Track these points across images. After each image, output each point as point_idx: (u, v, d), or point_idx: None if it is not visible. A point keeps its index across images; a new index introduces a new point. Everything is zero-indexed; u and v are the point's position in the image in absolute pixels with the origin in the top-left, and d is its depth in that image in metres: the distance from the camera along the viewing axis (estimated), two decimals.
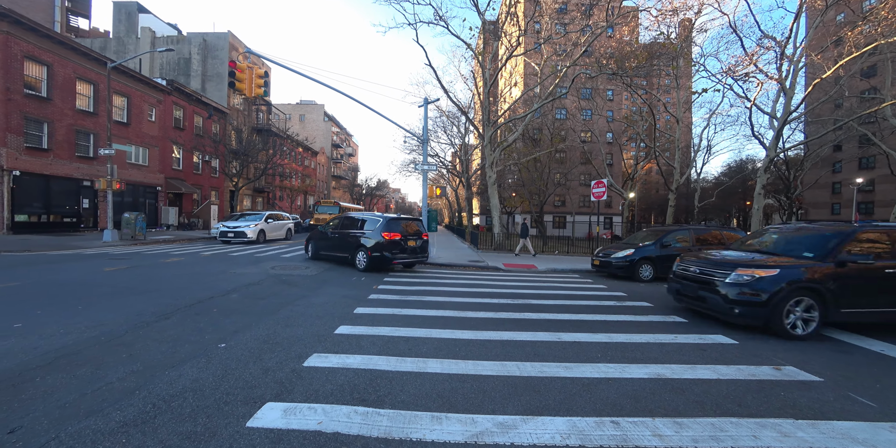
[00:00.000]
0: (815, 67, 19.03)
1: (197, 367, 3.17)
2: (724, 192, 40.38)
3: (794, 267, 4.79)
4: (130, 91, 20.70)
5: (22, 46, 15.58)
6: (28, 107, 15.91)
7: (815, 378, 3.41)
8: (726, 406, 2.82)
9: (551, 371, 3.37)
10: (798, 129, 30.22)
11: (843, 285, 4.69)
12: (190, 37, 29.59)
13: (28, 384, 2.79)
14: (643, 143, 30.96)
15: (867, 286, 4.77)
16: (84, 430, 2.22)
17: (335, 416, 2.48)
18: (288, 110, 54.84)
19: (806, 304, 4.66)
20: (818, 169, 36.99)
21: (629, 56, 17.18)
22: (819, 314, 4.65)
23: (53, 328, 4.06)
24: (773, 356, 3.99)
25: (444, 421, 2.48)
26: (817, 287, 4.62)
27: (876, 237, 5.08)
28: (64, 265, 8.55)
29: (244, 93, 8.91)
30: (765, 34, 15.79)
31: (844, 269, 4.72)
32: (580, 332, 4.66)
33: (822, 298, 4.64)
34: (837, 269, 4.72)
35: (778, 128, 16.02)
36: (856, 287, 4.73)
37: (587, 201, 41.29)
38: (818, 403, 2.92)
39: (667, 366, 3.59)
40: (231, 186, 26.60)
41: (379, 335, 4.23)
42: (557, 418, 2.55)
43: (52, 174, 16.73)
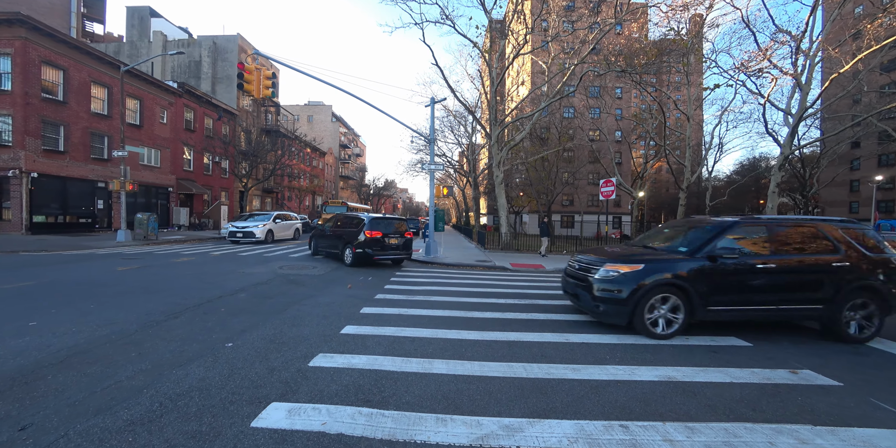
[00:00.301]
0: (833, 62, 18.51)
1: (204, 367, 3.19)
2: (737, 191, 39.58)
3: (660, 262, 4.54)
4: (143, 94, 21.11)
5: (39, 52, 16.00)
6: (45, 110, 16.32)
7: (834, 382, 3.30)
8: (740, 411, 2.74)
9: (559, 373, 3.31)
10: (814, 126, 29.44)
11: (713, 282, 4.40)
12: (200, 40, 30.07)
13: (40, 382, 2.83)
14: (653, 141, 30.50)
15: (740, 283, 4.45)
16: (92, 429, 2.25)
17: (339, 416, 2.47)
18: (296, 111, 55.38)
19: (672, 301, 4.39)
20: (835, 166, 35.98)
21: (638, 53, 16.92)
22: (684, 312, 4.38)
23: (66, 326, 4.13)
24: (789, 359, 3.87)
25: (449, 423, 2.45)
26: (682, 284, 4.34)
27: (755, 231, 4.77)
28: (78, 265, 8.75)
29: (252, 94, 8.99)
30: (779, 28, 15.38)
31: (715, 265, 4.43)
32: (588, 332, 4.59)
33: (688, 296, 4.37)
34: (707, 265, 4.43)
35: (793, 124, 15.61)
36: (727, 284, 4.43)
37: (596, 200, 40.85)
38: (837, 409, 2.81)
39: (678, 368, 3.50)
40: (241, 187, 26.95)
41: (385, 335, 4.21)
42: (565, 421, 2.50)
43: (68, 176, 17.14)
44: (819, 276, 4.56)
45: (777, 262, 4.52)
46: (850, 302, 4.52)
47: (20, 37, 15.33)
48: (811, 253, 4.68)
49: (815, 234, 4.77)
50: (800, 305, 4.52)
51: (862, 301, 4.55)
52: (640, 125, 29.93)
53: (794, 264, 4.57)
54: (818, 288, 4.53)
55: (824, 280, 4.54)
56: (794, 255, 4.65)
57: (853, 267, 4.60)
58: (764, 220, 4.86)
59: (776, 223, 4.82)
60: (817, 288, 4.54)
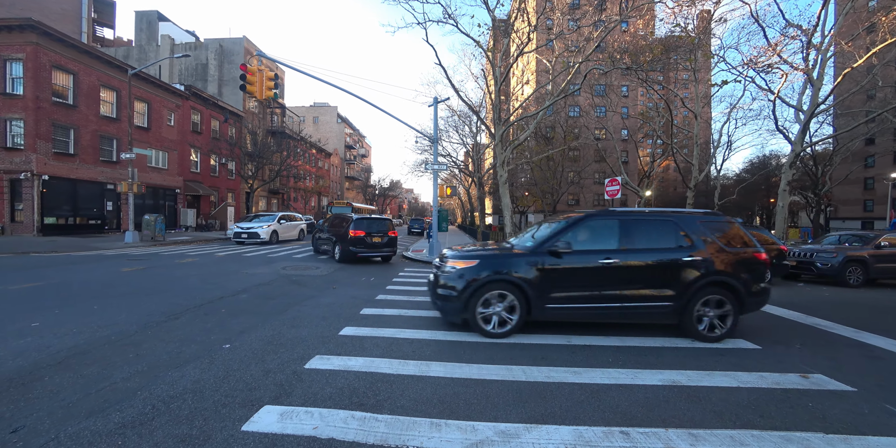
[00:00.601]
0: (846, 56, 18.06)
1: (199, 368, 3.18)
2: (746, 190, 38.87)
3: (496, 258, 4.37)
4: (151, 97, 21.40)
5: (50, 56, 16.30)
6: (56, 114, 16.62)
7: (848, 387, 3.16)
8: (747, 417, 2.63)
9: (559, 376, 3.23)
10: (826, 123, 28.78)
11: (553, 278, 4.21)
12: (207, 43, 30.42)
13: (37, 383, 2.84)
14: (660, 139, 30.10)
15: (583, 279, 4.25)
16: (83, 432, 2.23)
17: (332, 420, 2.42)
18: (302, 113, 55.79)
19: (509, 299, 4.20)
20: (849, 164, 35.13)
21: (644, 50, 16.68)
22: (520, 311, 4.19)
23: (68, 327, 4.16)
24: (800, 363, 3.73)
25: (444, 428, 2.39)
26: (517, 280, 4.17)
27: (607, 224, 4.52)
28: (85, 266, 8.86)
29: (255, 95, 9.05)
30: (789, 23, 15.05)
31: (557, 261, 4.23)
32: (591, 334, 4.49)
33: (525, 293, 4.17)
34: (547, 261, 4.22)
35: (804, 121, 15.26)
36: (568, 280, 4.23)
37: (602, 200, 40.49)
38: (851, 416, 2.69)
39: (682, 372, 3.40)
40: (247, 188, 27.20)
41: (383, 337, 4.17)
42: (563, 427, 2.43)
43: (78, 178, 17.44)
44: (669, 272, 4.30)
45: (624, 257, 4.31)
46: (701, 299, 4.27)
47: (31, 42, 15.63)
48: (663, 247, 4.40)
49: (672, 228, 4.51)
50: (648, 303, 4.27)
51: (717, 298, 4.30)
52: (647, 123, 29.57)
53: (643, 259, 4.34)
54: (667, 284, 4.28)
55: (674, 276, 4.28)
56: (644, 249, 4.39)
57: (706, 262, 4.32)
58: (618, 213, 4.62)
59: (630, 216, 4.58)
60: (666, 284, 4.28)
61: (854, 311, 6.39)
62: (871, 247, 9.54)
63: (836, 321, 5.50)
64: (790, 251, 10.17)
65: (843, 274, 9.18)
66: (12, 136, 15.82)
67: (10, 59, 15.71)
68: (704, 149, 32.72)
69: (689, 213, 4.71)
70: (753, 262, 4.50)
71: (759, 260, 4.53)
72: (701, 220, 4.60)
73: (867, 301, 7.42)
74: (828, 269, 9.35)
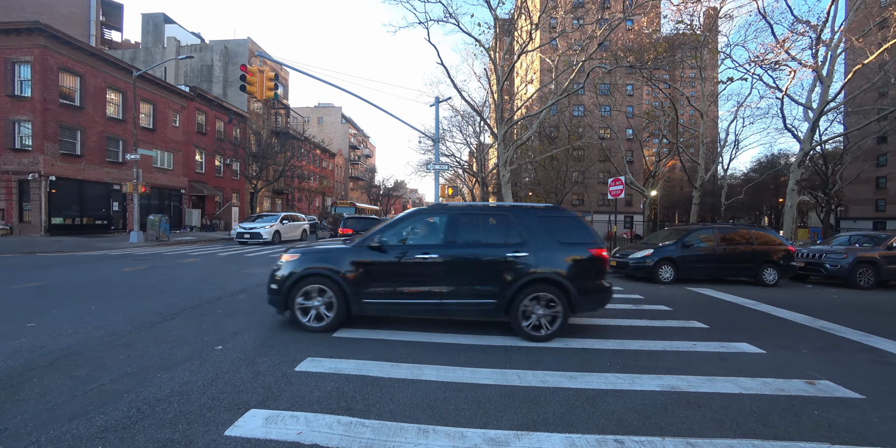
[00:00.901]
0: (856, 53, 17.67)
1: (189, 370, 3.14)
2: (754, 189, 38.28)
3: (318, 252, 4.39)
4: (156, 98, 21.62)
5: (57, 59, 16.52)
6: (63, 115, 16.85)
7: (856, 395, 3.04)
8: (749, 425, 2.53)
9: (554, 381, 3.15)
10: (837, 121, 28.25)
11: (372, 273, 4.17)
12: (212, 44, 30.68)
13: (26, 384, 2.82)
14: (665, 139, 29.77)
15: (403, 275, 4.20)
16: (64, 435, 2.19)
17: (317, 425, 2.37)
18: (306, 113, 56.09)
19: (328, 294, 4.17)
20: (860, 163, 34.45)
21: (648, 48, 16.48)
22: (338, 305, 4.15)
23: (63, 327, 4.16)
24: (806, 368, 3.61)
25: (431, 434, 2.32)
26: (333, 275, 4.15)
27: (438, 219, 4.46)
28: (88, 266, 8.93)
29: (255, 96, 9.06)
30: (798, 19, 14.77)
31: (377, 256, 4.21)
32: (590, 337, 4.39)
33: (342, 288, 4.13)
34: (366, 256, 4.21)
35: (813, 119, 14.96)
36: (388, 276, 4.20)
37: (606, 200, 40.14)
38: (859, 425, 2.58)
39: (682, 377, 3.30)
40: (251, 188, 27.39)
41: (377, 339, 4.11)
42: (555, 435, 2.35)
43: (84, 179, 17.66)
44: (492, 268, 4.17)
45: (444, 253, 4.19)
46: (527, 297, 4.10)
47: (39, 45, 15.85)
48: (489, 243, 4.30)
49: (503, 223, 4.38)
50: (469, 299, 4.16)
51: (545, 296, 4.13)
52: (652, 122, 29.25)
53: (466, 256, 4.21)
54: (490, 281, 4.15)
55: (498, 272, 4.15)
56: (469, 245, 4.28)
57: (535, 258, 4.16)
58: (449, 208, 4.52)
59: (462, 211, 4.47)
60: (489, 281, 4.16)
61: (864, 314, 6.21)
62: (883, 247, 9.30)
63: (845, 324, 5.34)
64: (798, 252, 9.96)
65: (854, 275, 8.96)
66: (20, 138, 16.07)
67: (19, 62, 15.95)
68: (711, 148, 32.28)
69: (527, 207, 4.54)
70: (588, 259, 4.31)
71: (596, 257, 4.32)
72: (539, 216, 4.43)
73: (878, 304, 7.23)
74: (837, 270, 9.14)
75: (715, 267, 9.19)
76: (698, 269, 9.11)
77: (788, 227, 15.61)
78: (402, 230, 4.44)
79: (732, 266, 9.24)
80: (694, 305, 6.50)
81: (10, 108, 15.95)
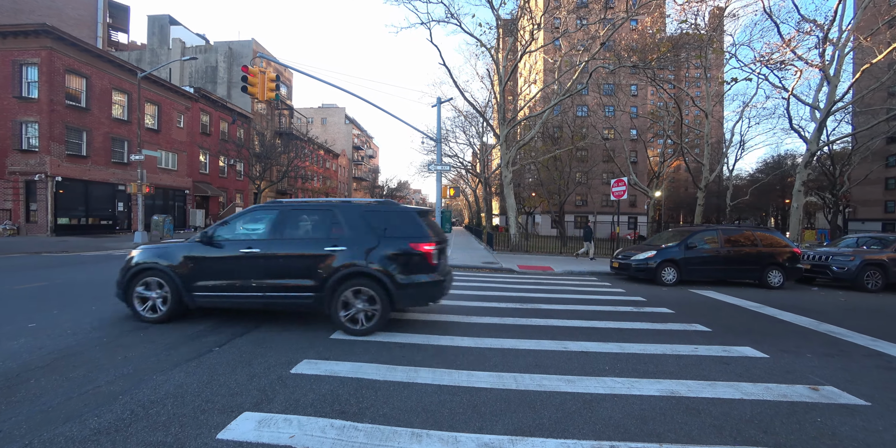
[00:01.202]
0: (865, 52, 17.44)
1: (185, 372, 3.14)
2: (760, 190, 37.94)
3: (160, 246, 4.63)
4: (161, 99, 21.80)
5: (64, 60, 16.71)
6: (69, 117, 17.03)
7: (861, 401, 2.97)
8: (749, 432, 2.47)
9: (551, 385, 3.11)
10: (844, 121, 27.91)
11: (197, 267, 4.36)
12: (216, 46, 30.90)
13: (22, 386, 2.83)
14: (670, 139, 29.54)
15: (227, 269, 4.36)
16: (57, 437, 2.19)
17: (310, 429, 2.35)
18: (310, 114, 56.34)
19: (165, 288, 4.36)
20: (868, 163, 33.97)
21: (651, 48, 16.37)
22: (171, 297, 4.34)
23: (63, 328, 4.18)
24: (809, 373, 3.54)
25: (425, 439, 2.29)
26: (164, 268, 4.36)
27: (263, 215, 4.56)
28: (92, 266, 9.00)
29: (257, 96, 9.11)
30: (804, 18, 14.60)
31: (206, 249, 4.39)
32: (590, 340, 4.35)
33: (172, 280, 4.32)
34: (195, 250, 4.42)
35: (820, 119, 14.78)
36: (213, 270, 4.36)
37: (610, 201, 39.90)
38: (864, 433, 2.51)
39: (683, 382, 3.24)
40: (254, 189, 27.54)
41: (374, 341, 4.09)
42: (549, 440, 2.31)
43: (90, 179, 17.84)
44: (310, 263, 4.25)
45: (267, 247, 4.34)
46: (346, 290, 4.17)
47: (46, 46, 16.04)
48: (312, 237, 4.39)
49: (328, 218, 4.47)
50: (290, 292, 4.26)
51: (365, 291, 4.17)
52: (657, 123, 29.05)
53: (285, 250, 4.32)
54: (309, 274, 4.23)
55: (316, 266, 4.23)
56: (292, 239, 4.40)
57: (353, 253, 4.22)
58: (283, 204, 4.63)
59: (292, 207, 4.59)
60: (308, 274, 4.23)
61: (871, 318, 6.11)
62: (892, 250, 9.16)
63: (852, 329, 5.25)
64: (804, 254, 9.82)
65: (861, 278, 8.82)
66: (27, 139, 16.26)
67: (26, 64, 16.15)
68: (716, 148, 32.01)
69: (355, 202, 4.60)
70: (407, 253, 4.30)
71: (415, 251, 4.30)
72: (364, 210, 4.48)
73: (886, 307, 7.10)
74: (844, 272, 9.00)
75: (719, 269, 9.09)
76: (702, 271, 9.01)
77: (795, 228, 15.42)
78: (236, 226, 4.59)
79: (737, 268, 9.14)
80: (697, 308, 6.42)
81: (18, 109, 16.15)
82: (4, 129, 16.17)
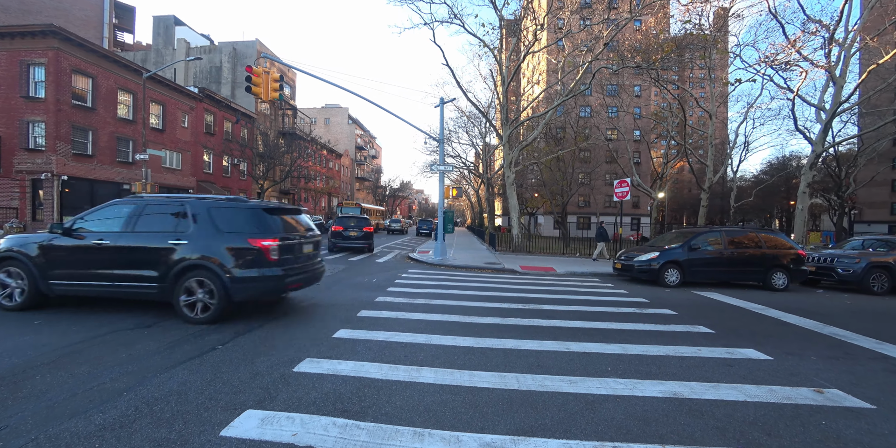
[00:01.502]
0: (871, 52, 17.30)
1: (189, 370, 3.16)
2: (765, 192, 37.65)
3: (18, 237, 4.83)
4: (165, 99, 21.95)
5: (70, 61, 16.86)
6: (75, 116, 17.18)
7: (866, 405, 2.95)
8: (753, 435, 2.46)
9: (553, 385, 3.11)
10: (850, 122, 27.69)
11: (55, 256, 4.61)
12: (221, 46, 31.08)
13: (28, 382, 2.86)
14: (673, 140, 29.41)
15: (79, 259, 4.59)
16: (63, 433, 2.21)
17: (312, 427, 2.36)
18: (313, 114, 56.54)
19: (23, 276, 4.63)
20: (875, 165, 33.67)
21: (655, 49, 16.31)
22: (28, 285, 4.60)
23: (67, 326, 4.22)
24: (814, 376, 3.51)
25: (427, 438, 2.29)
26: (22, 258, 4.63)
27: (122, 208, 4.79)
28: None
29: (260, 96, 9.16)
30: (810, 18, 14.51)
31: (64, 240, 4.62)
32: (592, 341, 4.34)
33: (30, 269, 4.58)
34: (53, 241, 4.63)
35: (826, 120, 14.68)
36: (66, 259, 4.62)
37: (612, 202, 39.77)
38: (868, 436, 2.49)
39: (686, 383, 3.23)
40: (258, 188, 27.66)
41: (377, 340, 4.10)
42: (552, 441, 2.31)
43: (95, 178, 17.98)
44: (154, 255, 4.46)
45: (116, 239, 4.54)
46: (186, 282, 4.38)
47: (53, 47, 16.20)
48: (159, 231, 4.57)
49: (177, 212, 4.64)
50: (136, 283, 4.50)
51: (205, 283, 4.37)
52: (660, 124, 28.94)
53: (132, 242, 4.55)
54: (152, 266, 4.43)
55: (159, 258, 4.43)
56: (141, 232, 4.59)
57: (193, 247, 4.42)
58: (143, 198, 4.88)
59: (150, 201, 4.83)
60: (151, 266, 4.44)
61: (877, 320, 6.06)
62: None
63: (857, 331, 5.21)
64: (809, 256, 9.75)
65: (867, 280, 8.75)
66: (34, 138, 16.42)
67: (33, 64, 16.31)
68: (720, 149, 31.83)
69: (205, 198, 4.81)
70: (245, 249, 4.45)
71: (253, 246, 4.44)
72: (212, 206, 4.65)
73: (892, 310, 7.04)
74: (849, 275, 8.92)
75: (722, 270, 9.03)
76: (705, 272, 8.96)
77: (800, 230, 15.31)
78: (95, 218, 4.81)
79: (740, 270, 9.08)
80: (700, 310, 6.39)
81: (25, 108, 16.31)
82: (12, 129, 16.34)
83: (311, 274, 5.20)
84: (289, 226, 4.92)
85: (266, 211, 4.70)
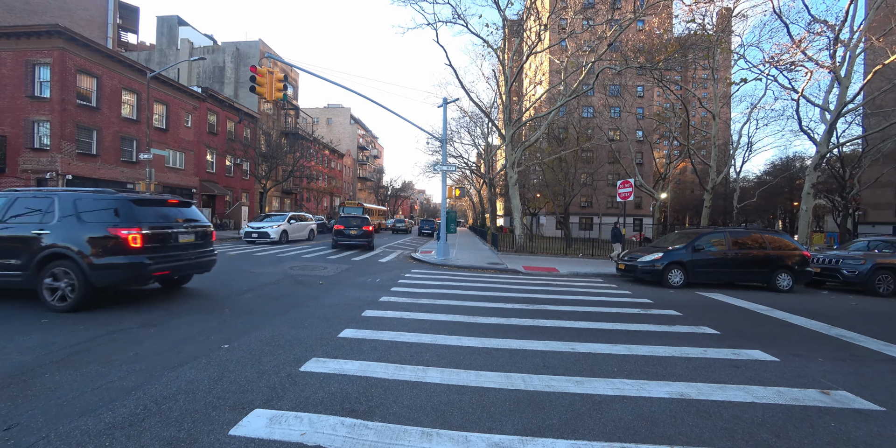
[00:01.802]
0: (877, 53, 17.21)
1: (196, 369, 3.17)
2: (768, 192, 37.52)
3: None
4: (169, 99, 22.03)
5: (75, 61, 16.94)
6: (80, 116, 17.26)
7: (875, 406, 2.93)
8: (761, 436, 2.45)
9: (560, 386, 3.10)
10: (855, 123, 27.53)
11: None
12: (224, 46, 31.17)
13: (37, 380, 2.87)
14: (676, 140, 29.34)
15: None
16: (73, 431, 2.23)
17: (321, 427, 2.37)
18: (315, 114, 56.64)
19: None
20: (880, 166, 33.40)
21: (659, 49, 16.27)
22: None
23: (73, 325, 4.24)
24: (821, 378, 3.50)
25: (435, 438, 2.30)
26: None
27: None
28: None
29: (265, 96, 9.19)
30: (815, 18, 14.44)
31: None
32: (597, 342, 4.33)
33: None
34: None
35: (831, 121, 14.60)
36: None
37: (615, 202, 39.68)
38: (878, 439, 2.48)
39: (692, 384, 3.22)
40: (260, 188, 27.73)
41: (382, 340, 4.11)
42: (560, 441, 2.31)
43: (99, 178, 18.06)
44: (18, 244, 4.68)
45: None
46: (49, 270, 4.59)
47: (58, 47, 16.28)
48: (26, 222, 4.76)
49: (46, 204, 4.81)
50: (3, 271, 4.72)
51: (66, 271, 4.55)
52: (663, 124, 28.87)
53: (1, 232, 4.75)
54: (17, 255, 4.67)
55: (23, 248, 4.65)
56: (10, 223, 4.79)
57: (53, 236, 4.62)
58: (18, 192, 5.05)
59: (23, 193, 4.98)
60: (16, 255, 4.67)
61: (883, 322, 6.02)
62: None
63: (863, 333, 5.18)
64: (814, 257, 9.71)
65: (872, 282, 8.70)
66: (39, 137, 16.50)
67: (39, 64, 16.40)
68: (723, 150, 31.71)
69: (73, 190, 4.99)
70: (103, 237, 4.64)
71: (114, 236, 4.64)
72: (78, 198, 4.85)
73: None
74: (855, 276, 8.88)
75: (726, 271, 9.00)
76: (709, 273, 8.93)
77: (804, 231, 15.24)
78: None
79: (745, 271, 9.05)
80: (704, 311, 6.37)
81: (30, 108, 16.40)
82: (17, 128, 16.43)
83: (190, 262, 5.47)
84: (161, 216, 5.16)
85: (135, 202, 4.96)
